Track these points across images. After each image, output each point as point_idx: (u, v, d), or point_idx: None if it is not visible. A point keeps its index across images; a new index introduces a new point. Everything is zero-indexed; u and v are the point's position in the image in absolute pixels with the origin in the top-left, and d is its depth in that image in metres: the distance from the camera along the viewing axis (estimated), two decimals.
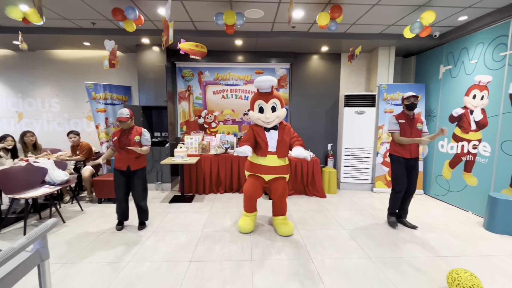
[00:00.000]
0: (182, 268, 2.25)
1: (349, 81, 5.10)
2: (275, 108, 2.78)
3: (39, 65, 4.91)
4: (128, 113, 2.89)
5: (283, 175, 2.91)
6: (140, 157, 2.98)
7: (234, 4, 3.11)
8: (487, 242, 2.77)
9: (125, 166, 2.89)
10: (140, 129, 2.99)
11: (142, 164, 2.99)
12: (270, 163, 2.80)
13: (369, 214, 3.55)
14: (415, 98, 2.87)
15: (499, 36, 3.24)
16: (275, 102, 2.78)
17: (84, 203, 3.97)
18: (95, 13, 3.35)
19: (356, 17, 3.48)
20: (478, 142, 3.52)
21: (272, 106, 2.77)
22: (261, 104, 2.78)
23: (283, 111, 2.81)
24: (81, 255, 2.46)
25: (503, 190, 3.17)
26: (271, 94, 2.78)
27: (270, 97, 2.77)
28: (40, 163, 3.36)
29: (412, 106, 2.89)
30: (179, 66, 5.02)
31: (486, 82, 3.41)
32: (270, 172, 2.83)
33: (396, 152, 3.03)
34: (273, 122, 2.78)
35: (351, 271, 2.22)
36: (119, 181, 2.93)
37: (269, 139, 2.79)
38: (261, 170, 2.83)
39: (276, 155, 2.79)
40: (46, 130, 5.06)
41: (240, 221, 2.98)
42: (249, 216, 2.97)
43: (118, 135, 2.91)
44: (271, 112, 2.77)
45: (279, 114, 2.78)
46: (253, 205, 2.97)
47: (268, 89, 2.77)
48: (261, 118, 2.77)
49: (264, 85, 2.72)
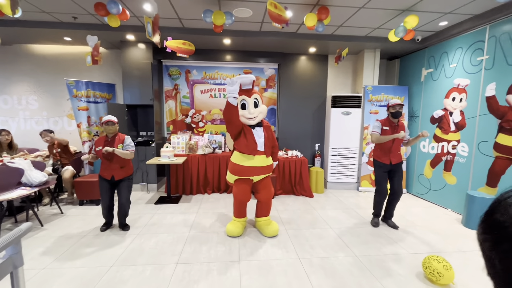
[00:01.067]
0: (168, 270, 2.20)
1: (336, 82, 5.19)
2: (257, 104, 2.74)
3: (16, 60, 4.65)
4: (115, 118, 2.86)
5: (269, 173, 2.90)
6: (125, 167, 2.89)
7: (222, 3, 3.08)
8: (465, 238, 2.89)
9: (109, 175, 2.81)
10: (123, 136, 2.90)
11: (127, 173, 2.90)
12: (259, 163, 2.73)
13: (355, 213, 3.62)
14: (400, 107, 2.92)
15: (476, 42, 3.40)
16: (257, 98, 2.74)
17: (64, 205, 3.80)
18: (77, 7, 3.21)
19: (343, 19, 3.54)
20: (457, 142, 3.67)
21: (254, 101, 2.72)
22: (243, 99, 2.70)
23: (265, 107, 2.79)
24: (61, 260, 2.35)
25: (480, 188, 3.33)
26: (251, 90, 2.75)
27: (252, 93, 2.72)
28: (16, 164, 3.18)
29: (397, 114, 2.94)
30: (166, 64, 4.92)
31: (465, 85, 3.57)
32: (259, 173, 2.78)
33: (377, 157, 3.11)
34: (256, 118, 2.72)
35: (338, 270, 2.25)
36: (103, 188, 2.85)
37: (257, 137, 2.71)
38: (251, 172, 2.74)
39: (264, 154, 2.76)
40: (23, 129, 4.80)
41: (229, 225, 2.91)
42: (239, 221, 2.92)
43: (102, 144, 2.80)
44: (253, 107, 2.71)
45: (262, 110, 2.75)
46: (244, 211, 2.92)
47: (249, 85, 2.72)
48: (245, 114, 2.69)
49: (246, 81, 2.66)
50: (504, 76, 3.04)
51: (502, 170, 3.07)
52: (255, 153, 2.70)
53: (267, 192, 2.87)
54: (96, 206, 3.74)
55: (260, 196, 2.90)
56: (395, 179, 3.07)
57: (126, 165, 2.89)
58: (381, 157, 3.06)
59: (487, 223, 0.42)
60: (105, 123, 2.78)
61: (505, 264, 0.38)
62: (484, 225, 0.44)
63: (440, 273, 1.99)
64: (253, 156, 2.70)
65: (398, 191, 3.07)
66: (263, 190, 2.86)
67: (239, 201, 2.84)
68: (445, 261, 2.03)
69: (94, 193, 3.75)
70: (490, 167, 3.20)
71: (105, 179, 2.84)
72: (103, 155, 2.73)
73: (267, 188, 2.87)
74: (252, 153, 2.70)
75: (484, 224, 0.44)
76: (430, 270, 2.04)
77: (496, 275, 0.40)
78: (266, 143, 2.76)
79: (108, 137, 2.85)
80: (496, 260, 0.39)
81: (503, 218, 0.39)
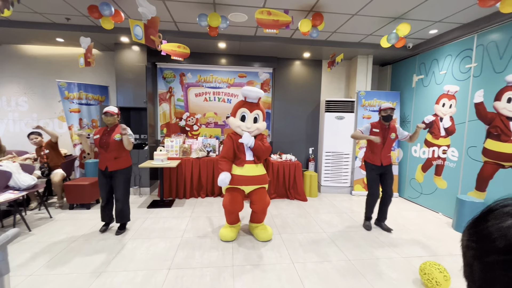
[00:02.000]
0: (160, 276, 2.16)
1: (329, 87, 5.25)
2: (257, 120, 2.77)
3: (5, 60, 4.55)
4: (116, 110, 2.90)
5: (263, 185, 2.84)
6: (120, 158, 2.87)
7: (218, 7, 3.09)
8: (456, 242, 2.94)
9: (103, 166, 2.83)
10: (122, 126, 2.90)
11: (122, 165, 2.88)
12: (248, 172, 2.72)
13: (348, 217, 3.65)
14: (391, 110, 3.02)
15: (465, 50, 3.50)
16: (258, 114, 2.77)
17: (54, 209, 3.71)
18: (70, 8, 3.18)
19: (337, 25, 3.60)
20: (447, 147, 3.75)
21: (255, 117, 2.76)
22: (244, 112, 2.74)
23: (264, 124, 2.82)
24: (49, 266, 2.28)
25: (469, 193, 3.40)
26: (256, 105, 2.78)
27: (255, 108, 2.75)
28: (3, 167, 3.10)
29: (388, 118, 3.03)
30: (160, 67, 4.90)
31: (454, 92, 3.66)
32: (249, 183, 2.75)
33: (368, 159, 3.17)
34: (252, 133, 2.74)
35: (331, 274, 2.26)
36: (101, 181, 2.88)
37: (246, 148, 2.75)
38: (240, 181, 2.72)
39: (253, 163, 2.76)
40: (12, 131, 4.68)
41: (222, 229, 2.88)
42: (232, 227, 2.89)
43: (100, 134, 2.84)
44: (252, 122, 2.75)
45: (260, 126, 2.77)
46: (236, 218, 2.89)
47: (254, 100, 2.76)
48: (241, 126, 2.72)
49: (252, 95, 2.71)
50: (491, 84, 3.14)
51: (490, 175, 3.15)
52: (243, 163, 2.73)
53: (261, 204, 2.81)
54: (86, 210, 3.67)
55: (254, 207, 2.85)
56: (387, 182, 3.13)
57: (120, 156, 2.87)
58: (371, 158, 3.12)
59: (475, 231, 0.40)
60: (104, 113, 2.83)
61: (486, 275, 0.36)
62: (471, 231, 0.41)
63: (439, 282, 1.97)
64: (242, 166, 2.73)
65: (390, 193, 3.14)
66: (258, 202, 2.80)
67: (228, 211, 2.80)
68: (445, 272, 2.01)
69: (84, 197, 3.67)
70: (479, 172, 3.28)
71: (102, 171, 2.86)
72: (101, 142, 2.78)
73: (261, 200, 2.81)
74: (241, 163, 2.73)
75: (471, 231, 0.41)
76: (428, 277, 2.03)
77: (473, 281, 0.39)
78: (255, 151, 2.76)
79: (108, 127, 2.87)
80: (477, 269, 0.38)
81: (492, 229, 0.36)
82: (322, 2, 2.93)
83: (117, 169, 2.85)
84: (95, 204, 3.91)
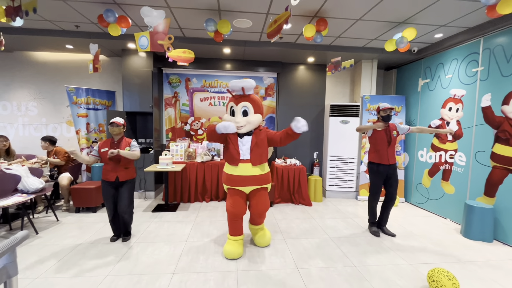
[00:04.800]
0: (165, 281, 2.16)
1: (334, 91, 5.25)
2: (247, 113, 2.53)
3: (16, 67, 4.68)
4: (123, 121, 2.87)
5: (263, 185, 2.65)
6: (129, 168, 2.87)
7: (223, 13, 3.14)
8: (464, 249, 2.87)
9: (113, 177, 2.76)
10: (130, 140, 2.90)
11: (131, 175, 2.87)
12: (243, 172, 2.53)
13: (354, 222, 3.60)
14: (390, 110, 3.03)
15: (471, 53, 3.48)
16: (246, 106, 2.51)
17: (61, 212, 3.76)
18: (80, 16, 3.27)
19: (341, 30, 3.62)
20: (455, 152, 3.70)
21: (243, 110, 2.52)
22: (232, 106, 2.56)
23: (256, 117, 2.53)
24: (55, 269, 2.30)
25: (478, 198, 3.33)
26: (244, 96, 2.54)
27: (242, 100, 2.53)
28: (13, 170, 3.16)
29: (388, 118, 3.04)
30: (166, 72, 4.97)
31: (461, 96, 3.62)
32: (248, 183, 2.56)
33: (374, 160, 3.13)
34: (243, 128, 2.51)
35: (336, 280, 2.22)
36: (108, 194, 2.78)
37: (240, 146, 2.53)
38: (238, 181, 2.55)
39: (249, 163, 2.53)
40: (22, 135, 4.79)
41: (226, 246, 2.61)
42: (236, 240, 2.63)
43: (108, 146, 2.78)
44: (241, 116, 2.52)
45: (250, 120, 2.51)
46: (239, 226, 2.65)
47: (239, 92, 2.52)
48: (231, 121, 2.52)
49: (235, 87, 2.49)
50: (499, 87, 3.10)
51: (499, 180, 3.08)
52: (237, 163, 2.53)
53: (259, 206, 2.64)
54: (92, 214, 3.70)
55: (252, 209, 2.70)
56: (391, 183, 3.11)
57: (130, 166, 2.88)
58: (378, 158, 3.10)
59: None
60: (110, 124, 2.80)
61: None
62: None
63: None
64: (236, 165, 2.55)
65: (393, 196, 3.11)
66: (255, 204, 2.65)
67: (230, 214, 2.60)
68: (454, 279, 1.97)
69: (91, 201, 3.71)
70: (487, 177, 3.21)
71: (109, 182, 2.77)
72: (109, 157, 2.70)
73: (260, 202, 2.64)
74: (234, 163, 2.54)
75: None
76: (437, 285, 1.98)
77: None
78: (253, 150, 2.53)
79: (115, 139, 2.84)
80: None
81: None
82: (326, 7, 2.95)
83: (127, 179, 2.82)
84: (101, 208, 3.95)
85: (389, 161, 3.06)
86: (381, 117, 3.07)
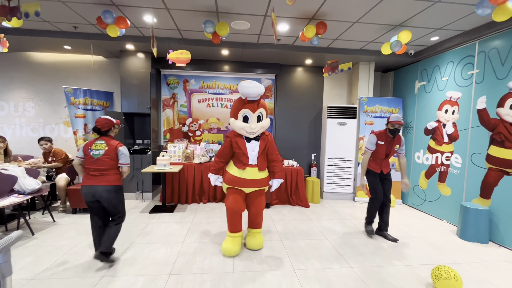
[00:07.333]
0: (161, 282, 2.16)
1: (331, 93, 5.28)
2: (261, 118, 2.60)
3: (14, 67, 4.67)
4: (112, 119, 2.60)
5: (263, 187, 2.74)
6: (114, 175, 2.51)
7: (220, 15, 3.16)
8: (460, 250, 2.89)
9: None
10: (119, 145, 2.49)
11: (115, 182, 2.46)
12: (250, 176, 2.59)
13: (351, 224, 3.61)
14: (400, 125, 2.96)
15: (466, 56, 3.51)
16: (262, 112, 2.58)
17: (57, 213, 3.74)
18: (78, 16, 3.27)
19: (338, 33, 3.64)
20: (451, 154, 3.72)
21: (258, 116, 2.57)
22: (246, 113, 2.55)
23: (268, 121, 2.64)
24: (51, 270, 2.29)
25: (474, 200, 3.35)
26: (258, 102, 2.56)
27: (257, 107, 2.55)
28: (9, 171, 3.15)
29: (395, 132, 2.99)
30: (164, 73, 4.98)
31: (456, 98, 3.65)
32: (251, 185, 2.63)
33: (370, 166, 3.17)
34: (257, 133, 2.59)
35: (333, 282, 2.23)
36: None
37: (249, 150, 2.59)
38: (241, 183, 2.61)
39: (256, 167, 2.61)
40: (19, 135, 4.77)
41: (224, 243, 2.67)
42: (234, 238, 2.69)
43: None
44: (256, 122, 2.56)
45: (264, 124, 2.60)
46: (238, 223, 2.72)
47: (256, 97, 2.53)
48: (245, 128, 2.53)
49: (253, 93, 2.45)
50: (494, 90, 3.13)
51: (495, 181, 3.11)
52: (246, 167, 2.59)
53: (256, 206, 2.73)
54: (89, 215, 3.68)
55: (249, 208, 2.77)
56: (386, 186, 3.16)
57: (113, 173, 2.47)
58: (373, 166, 3.14)
59: None
60: None
61: None
62: None
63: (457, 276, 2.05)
64: (243, 169, 2.60)
65: (388, 197, 3.16)
66: (252, 203, 2.73)
67: (231, 210, 2.66)
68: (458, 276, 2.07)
69: None
70: (483, 178, 3.24)
71: None
72: None
73: (257, 201, 2.72)
74: (243, 167, 2.59)
75: None
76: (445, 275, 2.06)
77: None
78: (260, 156, 2.63)
79: None
80: None
81: None
82: (324, 10, 2.98)
83: None
84: None
85: (382, 170, 3.13)
86: (388, 129, 3.03)
